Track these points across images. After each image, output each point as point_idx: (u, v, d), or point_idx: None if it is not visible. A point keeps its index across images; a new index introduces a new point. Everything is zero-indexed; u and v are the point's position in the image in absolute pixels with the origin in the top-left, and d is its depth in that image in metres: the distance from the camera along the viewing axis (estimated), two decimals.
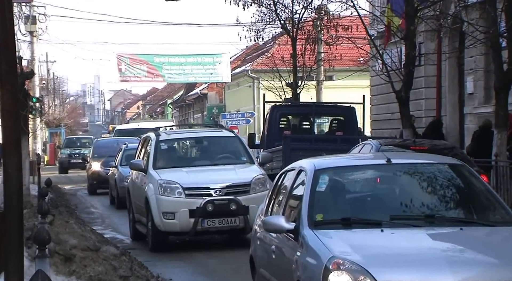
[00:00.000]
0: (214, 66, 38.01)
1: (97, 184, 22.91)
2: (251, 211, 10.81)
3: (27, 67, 27.91)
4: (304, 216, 5.48)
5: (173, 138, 12.72)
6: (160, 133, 12.62)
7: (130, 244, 12.71)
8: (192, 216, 10.97)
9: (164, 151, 12.21)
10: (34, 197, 16.65)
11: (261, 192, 10.75)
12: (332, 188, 5.89)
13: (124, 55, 37.90)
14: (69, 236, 9.29)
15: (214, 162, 12.10)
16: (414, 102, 18.65)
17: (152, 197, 11.24)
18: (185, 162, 12.26)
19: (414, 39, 15.36)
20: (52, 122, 54.28)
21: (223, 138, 12.62)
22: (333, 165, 6.16)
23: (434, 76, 20.21)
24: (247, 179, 11.26)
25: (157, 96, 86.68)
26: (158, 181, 11.28)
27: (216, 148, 12.46)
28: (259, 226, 6.58)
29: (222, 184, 11.12)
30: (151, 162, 11.82)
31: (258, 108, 36.47)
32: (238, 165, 11.95)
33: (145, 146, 12.84)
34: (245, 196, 11.06)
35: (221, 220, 11.02)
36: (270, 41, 26.76)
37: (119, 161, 19.27)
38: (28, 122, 17.77)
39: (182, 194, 11.10)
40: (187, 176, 11.37)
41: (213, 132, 13.24)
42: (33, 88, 34.31)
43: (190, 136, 12.99)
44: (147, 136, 13.06)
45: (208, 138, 12.64)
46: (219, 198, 11.00)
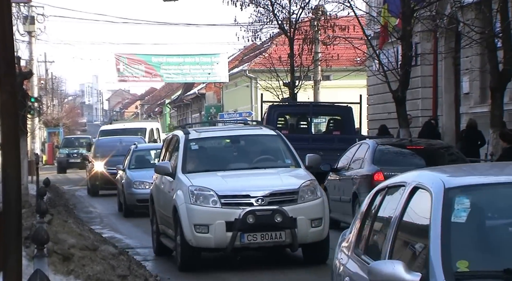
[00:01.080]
0: (212, 66, 38.02)
1: (99, 185, 21.74)
2: (299, 224, 9.17)
3: (26, 67, 27.90)
4: (435, 263, 3.50)
5: (205, 137, 10.73)
6: (190, 131, 10.71)
7: (128, 243, 12.71)
8: (229, 229, 9.14)
9: (194, 152, 10.39)
10: (32, 196, 16.65)
11: (311, 201, 9.32)
12: (478, 218, 3.81)
13: (122, 55, 37.90)
14: (68, 235, 9.29)
15: (253, 165, 10.26)
16: (410, 102, 18.69)
17: (182, 206, 9.38)
18: (220, 164, 10.24)
19: (411, 39, 15.37)
20: (51, 122, 54.23)
21: (262, 137, 10.69)
22: (475, 181, 4.01)
23: (430, 76, 20.25)
24: (294, 186, 9.40)
25: (155, 96, 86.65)
26: (189, 188, 9.43)
27: (255, 149, 10.65)
28: (348, 266, 4.56)
29: (265, 191, 9.27)
30: (179, 165, 10.00)
31: (256, 108, 36.48)
32: (281, 168, 10.13)
33: (171, 146, 11.02)
34: (292, 205, 9.23)
35: (264, 235, 9.15)
36: (267, 41, 26.75)
37: (127, 163, 17.52)
38: (26, 122, 17.76)
39: (218, 203, 9.25)
40: (223, 182, 9.55)
41: (251, 130, 11.24)
42: (32, 88, 34.30)
43: (224, 135, 10.99)
44: (173, 135, 11.35)
45: (246, 137, 10.72)
46: (261, 208, 9.15)
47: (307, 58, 22.30)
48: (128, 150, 18.74)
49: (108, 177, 20.59)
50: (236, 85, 44.86)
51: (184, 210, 9.36)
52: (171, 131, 45.06)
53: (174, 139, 11.01)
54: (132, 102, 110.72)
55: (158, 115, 79.09)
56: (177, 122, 67.96)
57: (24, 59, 29.12)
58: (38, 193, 11.96)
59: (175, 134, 11.09)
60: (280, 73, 22.43)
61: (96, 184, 21.79)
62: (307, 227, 9.25)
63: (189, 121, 64.05)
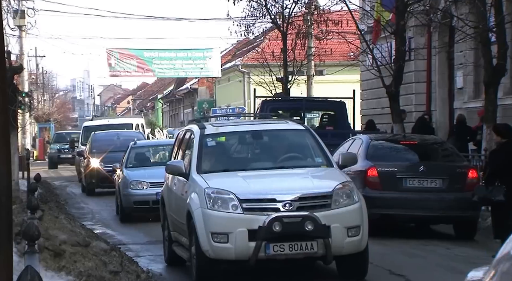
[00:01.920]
0: (204, 61, 37.97)
1: (95, 183, 20.58)
2: (333, 233, 7.98)
3: (16, 62, 27.80)
4: None
5: (223, 132, 9.57)
6: (206, 126, 9.46)
7: (120, 240, 12.70)
8: (252, 238, 7.97)
9: (211, 149, 9.21)
10: (23, 192, 16.61)
11: (347, 206, 8.15)
12: None
13: (114, 49, 37.80)
14: (59, 231, 9.27)
15: (278, 164, 9.07)
16: (404, 97, 18.72)
17: (197, 211, 8.22)
18: (241, 163, 9.14)
19: (404, 34, 15.40)
20: (42, 117, 54.10)
21: (289, 132, 9.49)
22: None
23: (424, 71, 20.28)
24: (327, 188, 8.24)
25: (147, 91, 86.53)
26: (205, 190, 8.27)
27: (281, 145, 9.46)
28: None
29: (293, 194, 8.09)
30: (194, 164, 8.82)
31: (249, 103, 36.46)
32: (312, 168, 8.97)
33: (184, 143, 9.82)
34: (325, 211, 8.05)
35: (293, 245, 7.97)
36: (260, 36, 26.75)
37: (125, 161, 16.11)
38: (17, 117, 17.70)
39: (239, 208, 8.07)
40: (245, 183, 8.38)
41: (275, 124, 9.85)
42: (22, 83, 34.15)
43: (245, 130, 9.63)
44: (187, 129, 10.02)
45: (270, 133, 9.51)
46: (289, 214, 7.98)
47: (300, 53, 22.31)
48: (127, 146, 17.37)
49: (105, 174, 19.42)
50: (228, 80, 44.83)
51: (199, 216, 8.18)
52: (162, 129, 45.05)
53: (187, 134, 9.77)
54: (124, 97, 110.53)
55: (150, 111, 79.05)
56: (169, 118, 68.04)
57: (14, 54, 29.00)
58: (29, 189, 11.95)
59: (189, 129, 9.81)
60: (273, 68, 22.43)
61: (92, 182, 20.71)
62: (343, 236, 8.01)
63: (181, 117, 64.18)
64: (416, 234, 12.04)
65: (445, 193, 11.32)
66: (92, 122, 28.60)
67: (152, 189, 14.53)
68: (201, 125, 9.45)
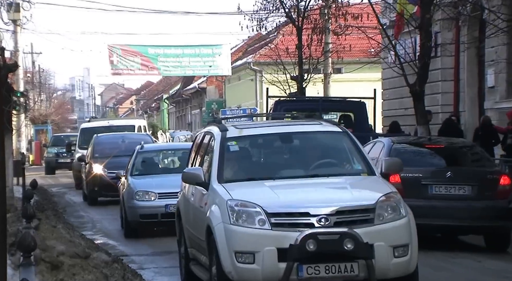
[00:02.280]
0: (213, 58, 38.01)
1: (98, 191, 19.95)
2: (377, 253, 7.45)
3: (10, 59, 27.97)
4: None
5: (248, 135, 8.99)
6: (227, 127, 8.98)
7: (122, 250, 12.71)
8: (282, 258, 7.46)
9: (234, 155, 8.71)
10: (18, 199, 16.68)
11: (393, 222, 7.61)
12: None
13: (116, 46, 37.91)
14: (57, 241, 9.30)
15: (312, 171, 8.56)
16: (429, 97, 18.67)
17: (219, 226, 7.74)
18: (268, 171, 8.59)
19: (430, 28, 15.33)
20: (38, 119, 54.35)
21: (323, 135, 8.99)
22: None
23: (451, 68, 20.21)
24: (369, 200, 7.71)
25: (152, 90, 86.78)
26: (228, 202, 7.79)
27: (314, 150, 8.94)
28: None
29: (330, 207, 7.58)
30: (214, 172, 8.36)
31: (261, 104, 36.49)
32: (350, 176, 8.47)
33: (203, 147, 9.39)
34: (367, 227, 7.52)
35: (330, 267, 7.45)
36: (273, 31, 26.74)
37: (130, 168, 15.21)
38: (11, 118, 17.79)
39: (266, 223, 7.57)
40: (273, 195, 7.88)
41: (307, 126, 9.27)
42: (17, 82, 34.35)
43: (273, 132, 9.11)
44: (206, 131, 9.55)
45: (302, 135, 9.00)
46: (325, 231, 7.48)
47: (316, 49, 22.28)
48: (132, 150, 16.34)
49: (109, 181, 18.81)
50: (239, 79, 44.88)
51: (221, 232, 7.69)
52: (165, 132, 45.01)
53: (207, 138, 9.29)
54: (127, 97, 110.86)
55: (155, 112, 79.28)
56: (175, 119, 68.21)
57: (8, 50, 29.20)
58: (25, 196, 11.99)
59: (209, 131, 9.32)
60: (287, 66, 22.42)
61: (95, 190, 20.08)
62: (388, 256, 7.50)
63: (188, 118, 64.29)
64: (443, 245, 11.99)
65: (475, 201, 11.26)
66: (90, 124, 28.19)
67: (161, 200, 13.78)
68: (222, 127, 8.95)
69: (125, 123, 28.84)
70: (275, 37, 31.74)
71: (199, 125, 56.88)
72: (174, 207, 12.80)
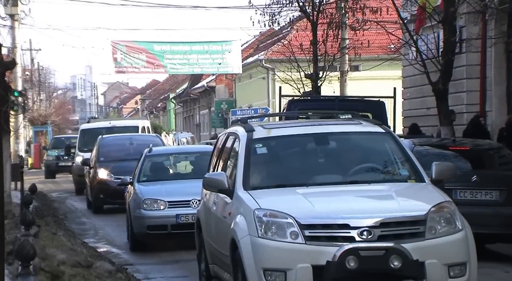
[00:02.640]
0: (223, 55, 38.06)
1: (104, 198, 19.45)
2: (429, 272, 6.93)
3: (8, 56, 28.08)
4: None
5: (277, 136, 8.47)
6: (254, 128, 8.49)
7: (127, 259, 12.72)
8: (318, 277, 6.98)
9: (262, 158, 8.23)
10: (16, 205, 16.74)
11: (447, 236, 7.10)
12: None
13: (120, 42, 38.01)
14: (57, 250, 9.31)
15: (351, 177, 8.03)
16: (453, 96, 18.60)
17: (245, 240, 7.24)
18: (301, 177, 8.05)
19: (454, 22, 15.29)
20: (37, 120, 54.54)
21: (364, 136, 8.49)
22: None
23: (477, 65, 20.11)
24: (418, 211, 7.15)
25: (158, 89, 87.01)
26: (255, 212, 7.27)
27: (354, 153, 8.41)
28: None
29: (373, 218, 7.03)
30: (240, 177, 7.88)
31: (273, 103, 36.48)
32: (395, 183, 7.90)
33: (226, 150, 8.93)
34: (417, 242, 6.98)
35: None
36: (287, 26, 26.71)
37: (137, 174, 14.53)
38: (9, 119, 17.84)
39: (300, 237, 7.03)
40: (307, 203, 7.33)
41: (345, 126, 8.74)
42: (15, 81, 34.46)
43: (306, 133, 8.56)
44: (229, 132, 9.08)
45: (339, 136, 8.49)
46: (368, 246, 6.94)
47: (332, 45, 22.23)
48: (141, 153, 15.59)
49: (116, 187, 18.02)
50: (250, 77, 44.89)
51: (247, 246, 7.18)
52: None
53: (230, 139, 8.83)
54: (132, 97, 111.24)
55: (161, 112, 79.48)
56: (183, 120, 68.35)
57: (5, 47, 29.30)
58: (23, 202, 12.01)
59: (233, 132, 8.84)
60: (301, 63, 22.38)
61: (100, 197, 19.60)
62: (443, 276, 6.98)
63: (196, 119, 64.38)
64: None
65: (503, 206, 11.22)
66: (91, 125, 28.03)
67: (171, 210, 13.09)
68: (248, 127, 8.45)
69: (128, 124, 28.64)
70: (288, 33, 31.69)
71: (207, 126, 56.95)
72: (186, 217, 12.85)
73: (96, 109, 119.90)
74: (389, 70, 28.43)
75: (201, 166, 13.93)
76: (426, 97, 20.55)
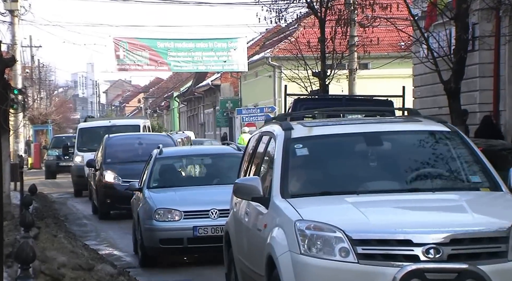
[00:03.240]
0: (228, 53, 38.02)
1: (111, 203, 18.58)
2: None
3: (7, 53, 28.09)
4: None
5: (320, 136, 7.55)
6: (292, 126, 7.63)
7: (129, 262, 12.72)
8: None
9: (303, 161, 7.34)
10: (16, 206, 16.75)
11: None
12: None
13: (123, 39, 38.02)
14: (57, 252, 9.30)
15: (410, 184, 7.04)
16: (466, 95, 18.55)
17: (284, 257, 6.35)
18: (349, 183, 7.14)
19: (467, 19, 15.24)
20: (38, 119, 54.63)
21: (426, 136, 7.49)
22: None
23: (490, 63, 20.06)
24: (498, 225, 6.19)
25: (161, 88, 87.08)
26: (297, 224, 6.35)
27: (413, 155, 7.36)
28: None
29: (441, 234, 6.08)
30: (277, 183, 7.00)
31: (280, 102, 36.45)
32: (466, 191, 6.97)
33: (260, 151, 8.09)
34: (498, 263, 6.03)
35: None
36: (294, 23, 26.72)
37: (146, 179, 13.20)
38: (8, 118, 17.85)
39: (351, 254, 6.10)
40: (359, 214, 6.40)
41: (402, 124, 7.85)
42: (15, 78, 34.47)
43: (355, 132, 7.63)
44: (263, 132, 8.28)
45: (395, 136, 7.55)
46: (436, 267, 6.00)
47: (341, 43, 22.22)
48: (149, 156, 14.28)
49: (123, 192, 17.06)
50: (256, 76, 44.88)
51: (288, 265, 6.30)
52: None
53: (264, 140, 8.01)
54: (134, 95, 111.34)
55: (164, 111, 79.54)
56: (187, 119, 68.42)
57: (5, 44, 29.29)
58: (23, 203, 12.03)
59: (267, 131, 8.01)
60: (309, 61, 22.38)
61: (107, 202, 18.69)
62: None
63: (201, 118, 64.40)
64: None
65: None
66: (89, 124, 27.61)
67: (188, 221, 11.81)
68: (285, 125, 7.57)
69: (129, 122, 28.27)
70: (295, 30, 31.71)
71: (212, 126, 56.95)
72: (205, 229, 11.51)
73: (98, 108, 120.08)
74: (399, 69, 28.39)
75: (220, 170, 13.31)
76: (437, 96, 20.51)
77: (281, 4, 22.27)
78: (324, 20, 21.77)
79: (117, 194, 18.13)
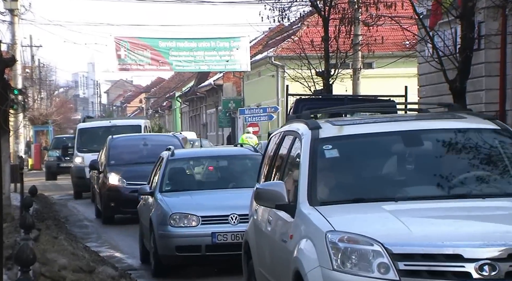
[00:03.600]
0: (230, 52, 38.04)
1: (115, 207, 18.12)
2: None
3: (7, 52, 28.12)
4: None
5: (352, 135, 6.88)
6: (320, 125, 6.95)
7: (130, 264, 12.72)
8: None
9: (331, 164, 6.68)
10: (16, 208, 16.77)
11: None
12: None
13: (124, 38, 38.05)
14: (58, 254, 9.31)
15: (456, 189, 6.36)
16: (472, 94, 18.53)
17: (315, 273, 5.75)
18: (386, 188, 6.47)
19: (473, 17, 15.22)
20: (38, 119, 54.68)
21: (471, 135, 6.78)
22: None
23: (497, 62, 20.04)
24: None
25: (163, 88, 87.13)
26: (329, 236, 5.74)
27: (458, 157, 6.67)
28: None
29: (496, 247, 5.45)
30: (304, 189, 6.38)
31: (283, 102, 36.44)
32: None
33: (283, 154, 7.44)
34: None
35: None
36: (297, 22, 26.70)
37: (159, 182, 12.48)
38: (8, 118, 17.87)
39: (391, 271, 5.47)
40: (399, 224, 5.74)
41: (444, 121, 7.11)
42: (15, 78, 34.53)
43: (391, 130, 6.88)
44: (286, 131, 7.60)
45: (436, 135, 6.80)
46: None
47: (344, 42, 22.21)
48: (157, 155, 13.90)
49: (128, 194, 16.99)
50: (259, 75, 44.89)
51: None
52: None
53: (288, 140, 7.33)
54: (136, 95, 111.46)
55: (166, 111, 79.58)
56: (189, 119, 68.42)
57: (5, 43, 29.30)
58: (23, 204, 12.04)
59: (291, 130, 7.32)
60: (312, 61, 22.36)
61: (111, 206, 18.21)
62: None
63: (203, 119, 64.40)
64: None
65: None
66: (89, 124, 27.36)
67: (206, 227, 11.11)
68: (312, 124, 6.88)
69: (129, 123, 28.13)
70: (298, 29, 31.70)
71: (214, 126, 56.96)
72: (224, 236, 10.88)
73: (99, 108, 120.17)
74: (403, 68, 28.39)
75: (236, 172, 12.91)
76: (443, 95, 20.49)
77: (284, 2, 22.28)
78: (328, 19, 21.76)
79: (121, 197, 17.71)
